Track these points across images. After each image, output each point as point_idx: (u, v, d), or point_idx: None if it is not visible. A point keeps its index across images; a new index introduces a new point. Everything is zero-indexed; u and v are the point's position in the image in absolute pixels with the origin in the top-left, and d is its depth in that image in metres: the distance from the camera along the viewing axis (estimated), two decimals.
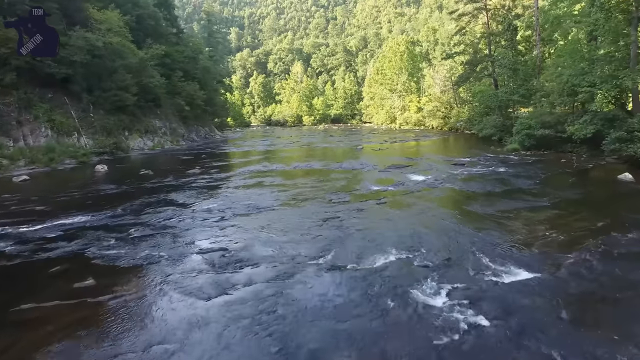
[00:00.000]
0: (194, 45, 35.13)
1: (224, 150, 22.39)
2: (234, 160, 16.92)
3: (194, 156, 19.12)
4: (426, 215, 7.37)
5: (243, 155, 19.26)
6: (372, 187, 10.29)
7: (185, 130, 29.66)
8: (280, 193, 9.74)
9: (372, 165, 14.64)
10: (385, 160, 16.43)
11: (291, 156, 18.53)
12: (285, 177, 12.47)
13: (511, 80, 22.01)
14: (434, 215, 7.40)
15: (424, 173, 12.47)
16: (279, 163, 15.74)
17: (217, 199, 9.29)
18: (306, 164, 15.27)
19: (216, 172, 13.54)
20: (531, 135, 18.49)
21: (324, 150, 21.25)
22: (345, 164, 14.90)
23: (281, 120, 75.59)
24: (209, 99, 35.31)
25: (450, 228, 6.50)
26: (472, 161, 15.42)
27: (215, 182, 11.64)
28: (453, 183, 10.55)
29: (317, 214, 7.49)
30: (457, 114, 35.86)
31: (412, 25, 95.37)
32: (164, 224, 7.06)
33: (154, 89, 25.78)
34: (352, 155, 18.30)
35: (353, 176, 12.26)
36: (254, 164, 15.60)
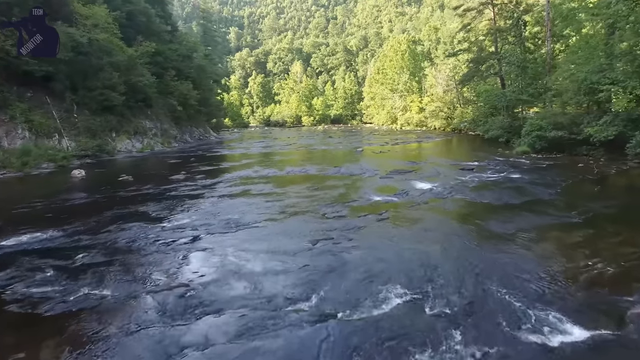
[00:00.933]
0: (188, 43, 33.95)
1: (216, 152, 21.22)
2: (224, 165, 15.77)
3: (183, 159, 17.95)
4: (436, 235, 6.18)
5: (235, 158, 18.11)
6: (372, 197, 9.11)
7: (177, 132, 28.50)
8: (268, 204, 8.57)
9: (373, 170, 13.46)
10: (386, 164, 15.25)
11: (286, 160, 17.36)
12: (277, 184, 11.30)
13: (519, 78, 20.83)
14: (445, 236, 6.22)
15: (429, 180, 11.30)
16: (271, 168, 14.56)
17: (195, 212, 8.11)
18: (301, 168, 14.10)
19: (202, 178, 12.37)
20: (542, 137, 17.34)
21: (321, 153, 20.08)
22: (344, 169, 13.72)
23: (280, 120, 74.42)
24: (203, 99, 34.15)
25: (468, 254, 5.31)
26: (481, 165, 14.23)
27: (197, 191, 10.46)
28: (464, 192, 9.37)
29: (307, 233, 6.30)
30: (460, 114, 34.69)
31: (414, 25, 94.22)
32: (123, 247, 5.88)
33: (144, 88, 24.65)
34: (351, 158, 17.13)
35: (351, 183, 11.08)
36: (244, 169, 14.43)
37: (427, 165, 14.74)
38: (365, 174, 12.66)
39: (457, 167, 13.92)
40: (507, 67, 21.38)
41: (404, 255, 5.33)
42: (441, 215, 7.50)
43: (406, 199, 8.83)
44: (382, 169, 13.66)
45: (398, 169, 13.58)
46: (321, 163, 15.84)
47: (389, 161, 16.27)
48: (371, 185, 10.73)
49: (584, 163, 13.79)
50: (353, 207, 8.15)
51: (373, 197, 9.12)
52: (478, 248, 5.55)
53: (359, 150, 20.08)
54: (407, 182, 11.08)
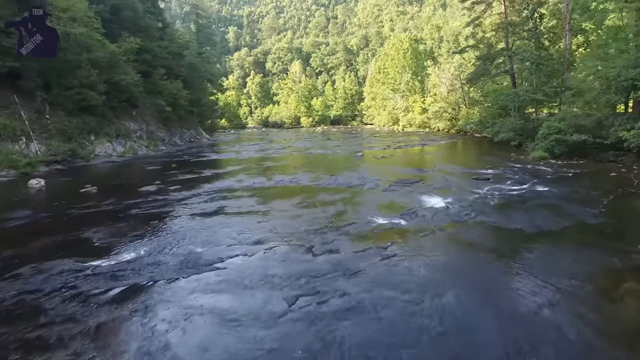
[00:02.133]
0: (179, 40, 32.21)
1: (203, 157, 19.50)
2: (207, 172, 14.05)
3: (164, 165, 16.24)
4: (463, 290, 4.44)
5: (221, 164, 16.40)
6: (373, 218, 7.38)
7: (166, 134, 26.79)
8: (243, 231, 6.85)
9: (374, 180, 11.74)
10: (389, 172, 13.53)
11: (277, 166, 15.64)
12: (261, 199, 9.57)
13: (533, 76, 19.08)
14: (474, 285, 4.50)
15: (441, 193, 9.58)
16: (259, 176, 12.84)
17: (148, 241, 6.39)
18: (292, 178, 12.37)
19: (175, 190, 10.65)
20: (562, 140, 15.67)
21: (317, 158, 18.35)
22: (341, 179, 11.99)
23: (278, 121, 72.60)
24: (195, 99, 32.45)
25: (511, 326, 3.59)
26: (497, 174, 12.52)
27: (165, 208, 8.74)
28: (486, 213, 7.65)
29: (284, 283, 4.59)
30: (466, 115, 32.96)
31: (415, 24, 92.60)
32: (26, 304, 4.17)
33: (129, 87, 22.97)
34: (349, 165, 15.41)
35: (349, 198, 9.35)
36: (228, 178, 12.71)
37: (436, 173, 13.00)
38: (365, 185, 10.94)
39: (470, 176, 12.20)
40: (520, 65, 19.64)
41: (418, 325, 3.60)
42: (464, 250, 5.78)
43: (415, 222, 7.11)
44: (385, 179, 11.94)
45: (403, 179, 11.86)
46: (316, 170, 14.12)
47: (392, 168, 14.54)
48: (372, 201, 9.00)
49: (615, 171, 12.08)
50: (349, 234, 6.43)
51: (374, 218, 7.40)
52: (527, 314, 3.82)
53: (359, 155, 18.35)
54: (414, 196, 9.36)
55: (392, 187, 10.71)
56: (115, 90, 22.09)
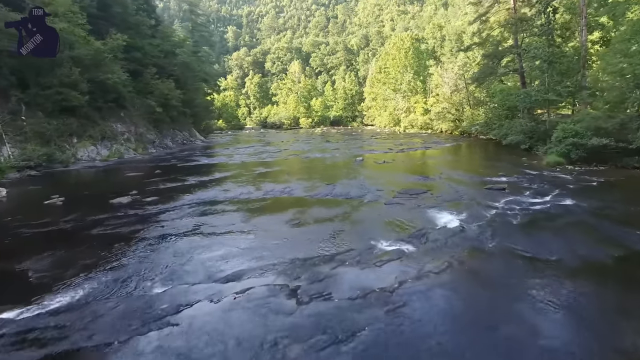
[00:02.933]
0: (172, 38, 30.94)
1: (192, 161, 18.22)
2: (191, 180, 12.79)
3: (147, 171, 14.99)
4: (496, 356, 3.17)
5: (210, 170, 15.15)
6: (375, 243, 6.13)
7: (156, 136, 25.53)
8: (217, 260, 5.61)
9: (376, 189, 10.48)
10: (392, 180, 12.26)
11: (269, 173, 14.37)
12: (245, 214, 8.31)
13: (545, 75, 17.78)
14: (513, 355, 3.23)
15: (452, 208, 8.34)
16: (247, 185, 11.58)
17: (100, 274, 5.15)
18: (284, 187, 11.09)
19: (151, 203, 9.40)
20: (579, 144, 14.42)
21: (315, 163, 17.08)
22: (339, 188, 10.73)
23: (277, 122, 71.25)
24: (189, 100, 31.17)
25: None
26: (512, 183, 11.27)
27: (133, 226, 7.49)
28: (510, 235, 6.40)
29: (250, 354, 3.31)
30: (470, 116, 31.69)
31: (416, 23, 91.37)
32: None
33: (116, 86, 21.71)
34: (349, 172, 14.14)
35: (347, 215, 8.08)
36: (213, 187, 11.45)
37: (443, 181, 11.73)
38: (366, 197, 9.68)
39: (482, 185, 10.94)
40: (530, 63, 18.36)
41: None
42: (493, 295, 4.51)
43: (426, 249, 5.85)
44: (388, 188, 10.68)
45: (407, 188, 10.60)
46: (312, 178, 12.85)
47: (395, 175, 13.28)
48: (373, 219, 7.74)
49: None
50: (346, 268, 5.17)
51: (376, 243, 6.14)
52: None
53: (359, 160, 17.08)
54: (422, 212, 8.10)
55: (396, 199, 9.45)
56: (100, 90, 20.86)
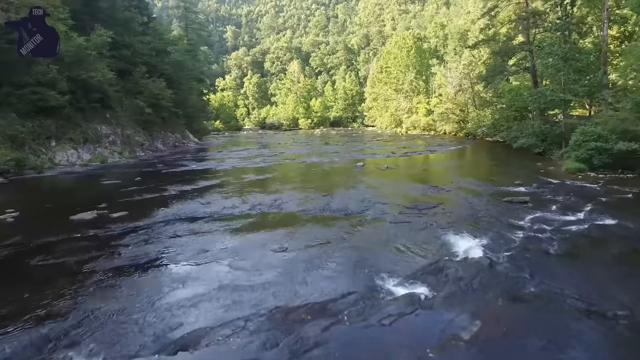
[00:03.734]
0: (163, 34, 29.59)
1: (179, 167, 16.84)
2: (173, 189, 11.43)
3: (126, 178, 13.63)
4: None
5: (197, 177, 13.78)
6: (381, 283, 4.80)
7: (146, 138, 24.19)
8: (170, 315, 4.22)
9: (379, 203, 9.12)
10: (397, 190, 10.90)
11: (261, 181, 13.01)
12: (223, 237, 6.96)
13: (561, 73, 16.41)
14: None
15: (471, 228, 7.00)
16: (233, 197, 10.23)
17: (11, 333, 3.78)
18: (274, 199, 9.74)
19: (117, 221, 8.05)
20: (603, 149, 13.08)
21: (312, 169, 15.71)
22: (337, 201, 9.38)
23: (276, 123, 69.83)
24: (182, 100, 29.85)
25: None
26: (533, 194, 9.95)
27: (86, 254, 6.14)
28: (550, 271, 5.06)
29: None
30: (476, 118, 30.34)
31: (418, 22, 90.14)
32: None
33: (101, 86, 20.39)
34: (348, 180, 12.78)
35: (344, 238, 6.72)
36: (194, 199, 10.08)
37: (455, 192, 10.38)
38: (368, 213, 8.32)
39: (499, 197, 9.58)
40: (545, 60, 17.00)
41: None
42: None
43: (448, 294, 4.49)
44: (393, 201, 9.33)
45: (415, 201, 9.27)
46: (307, 187, 11.50)
47: (400, 185, 11.92)
48: (377, 244, 6.39)
49: None
50: (342, 329, 3.80)
51: (383, 283, 4.81)
52: None
53: (359, 166, 15.72)
54: (435, 234, 6.74)
55: (404, 215, 8.09)
56: (83, 90, 19.56)
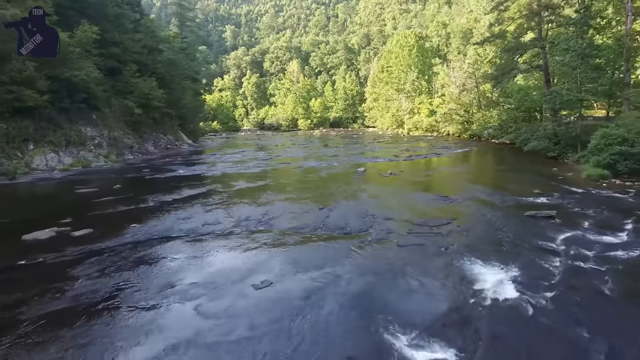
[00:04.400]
0: (156, 31, 28.38)
1: (166, 172, 15.57)
2: (151, 200, 10.21)
3: (105, 186, 12.40)
4: None
5: (181, 184, 12.56)
6: (391, 342, 3.58)
7: (135, 140, 22.97)
8: None
9: (383, 218, 7.92)
10: (404, 202, 9.68)
11: (251, 190, 11.77)
12: (197, 268, 5.75)
13: (577, 71, 15.19)
14: None
15: (495, 254, 5.85)
16: (217, 210, 9.02)
17: None
18: (263, 214, 8.52)
19: (77, 242, 6.86)
20: (629, 154, 11.94)
21: (308, 175, 14.48)
22: (334, 216, 8.16)
23: (275, 124, 68.51)
24: (175, 100, 28.65)
25: None
26: (557, 205, 8.83)
27: (26, 291, 4.97)
28: (615, 324, 3.83)
29: None
30: (481, 118, 29.11)
31: (419, 22, 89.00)
32: None
33: (87, 85, 19.19)
34: (348, 188, 11.57)
35: (343, 269, 5.50)
36: (172, 212, 8.86)
37: (469, 204, 9.18)
38: (371, 231, 7.12)
39: (520, 210, 8.40)
40: (561, 57, 15.79)
41: None
42: None
43: None
44: (399, 216, 8.13)
45: (425, 216, 8.07)
46: (302, 198, 10.29)
47: (406, 195, 10.70)
48: (383, 276, 5.18)
49: None
50: None
51: (393, 341, 3.60)
52: None
53: (361, 172, 14.50)
54: (453, 263, 5.55)
55: (413, 235, 6.90)
56: (67, 89, 18.38)
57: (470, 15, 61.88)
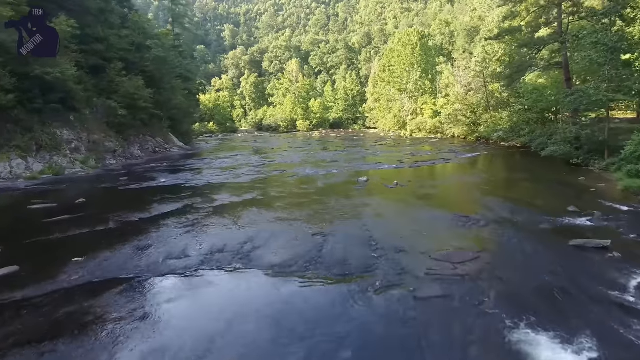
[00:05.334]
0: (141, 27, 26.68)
1: (144, 182, 13.88)
2: (113, 220, 8.55)
3: (66, 200, 10.72)
4: None
5: (155, 198, 10.89)
6: None
7: (119, 144, 21.29)
8: None
9: (393, 250, 6.24)
10: (416, 223, 7.98)
11: (234, 207, 10.07)
12: (147, 322, 4.07)
13: (606, 68, 13.49)
14: None
15: (548, 314, 4.11)
16: (187, 236, 7.35)
17: None
18: (243, 242, 6.84)
19: None
20: None
21: (303, 186, 12.79)
22: (330, 248, 6.48)
23: (273, 125, 66.75)
24: (165, 100, 26.99)
25: None
26: (603, 229, 7.23)
27: None
28: None
29: None
30: (490, 120, 27.41)
31: (421, 20, 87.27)
32: None
33: (63, 83, 17.54)
34: (348, 204, 9.89)
35: (340, 344, 3.83)
36: (130, 241, 7.16)
37: (496, 228, 7.50)
38: (379, 272, 5.46)
39: (560, 237, 6.75)
40: (587, 53, 14.09)
41: None
42: None
43: None
44: (413, 247, 6.44)
45: (445, 244, 6.39)
46: (292, 219, 8.60)
47: (418, 214, 9.01)
48: (399, 351, 3.52)
49: None
50: None
51: None
52: None
53: (362, 182, 12.81)
54: (495, 328, 3.87)
55: (433, 277, 5.24)
56: (40, 88, 16.72)
57: (474, 14, 60.15)
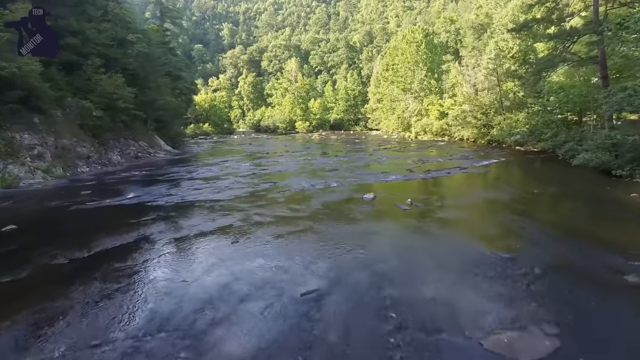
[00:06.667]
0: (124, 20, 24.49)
1: (106, 199, 11.64)
2: (42, 258, 6.38)
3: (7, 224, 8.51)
4: None
5: (110, 223, 8.72)
6: None
7: (94, 149, 19.08)
8: None
9: (423, 334, 3.91)
10: (446, 272, 5.64)
11: (200, 240, 7.85)
12: None
13: None
14: None
15: None
16: (126, 292, 5.14)
17: None
18: (199, 309, 4.62)
19: None
20: None
21: (296, 205, 10.51)
22: (325, 323, 4.20)
23: (271, 126, 64.45)
24: (149, 100, 24.80)
25: None
26: None
27: None
28: None
29: None
30: (505, 122, 25.17)
31: (424, 19, 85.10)
32: None
33: (25, 80, 15.39)
34: (350, 234, 7.66)
35: None
36: (46, 301, 4.94)
37: (557, 282, 5.25)
38: None
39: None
40: (634, 45, 11.89)
41: None
42: None
43: None
44: (449, 322, 4.13)
45: (490, 309, 4.09)
46: (274, 264, 6.35)
47: (445, 252, 6.75)
48: None
49: None
50: None
51: None
52: None
53: (368, 199, 10.56)
54: None
55: None
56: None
57: (479, 11, 57.95)
